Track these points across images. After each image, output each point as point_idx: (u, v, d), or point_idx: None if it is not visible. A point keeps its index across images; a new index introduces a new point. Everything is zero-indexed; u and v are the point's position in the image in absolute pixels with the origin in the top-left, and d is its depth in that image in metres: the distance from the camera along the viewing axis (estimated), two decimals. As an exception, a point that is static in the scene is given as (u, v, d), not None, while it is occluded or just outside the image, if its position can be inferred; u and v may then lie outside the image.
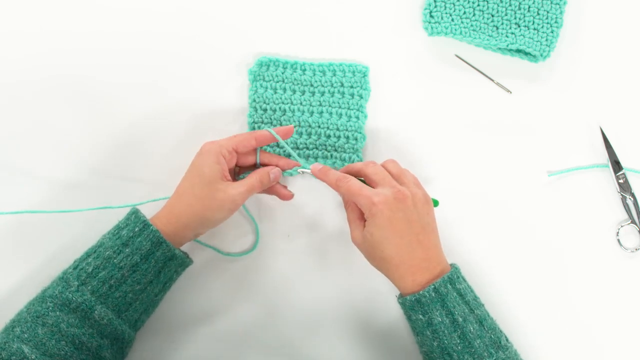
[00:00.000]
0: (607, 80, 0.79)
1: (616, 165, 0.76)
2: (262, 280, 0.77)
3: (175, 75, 0.80)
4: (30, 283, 0.74)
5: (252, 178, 0.70)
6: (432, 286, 0.64)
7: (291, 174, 0.75)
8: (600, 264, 0.76)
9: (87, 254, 0.67)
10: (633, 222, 0.76)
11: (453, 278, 0.66)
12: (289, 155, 0.76)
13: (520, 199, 0.77)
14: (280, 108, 0.78)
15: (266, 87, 0.79)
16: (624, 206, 0.76)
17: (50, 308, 0.64)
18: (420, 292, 0.64)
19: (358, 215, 0.69)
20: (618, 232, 0.76)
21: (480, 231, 0.77)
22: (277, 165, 0.74)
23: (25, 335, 0.63)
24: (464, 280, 0.68)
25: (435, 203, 0.71)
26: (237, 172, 0.76)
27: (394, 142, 0.79)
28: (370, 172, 0.69)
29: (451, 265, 0.68)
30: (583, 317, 0.75)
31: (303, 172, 0.73)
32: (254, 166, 0.75)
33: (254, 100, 0.78)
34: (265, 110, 0.78)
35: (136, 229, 0.67)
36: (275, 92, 0.78)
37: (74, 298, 0.64)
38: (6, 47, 0.80)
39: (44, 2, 0.81)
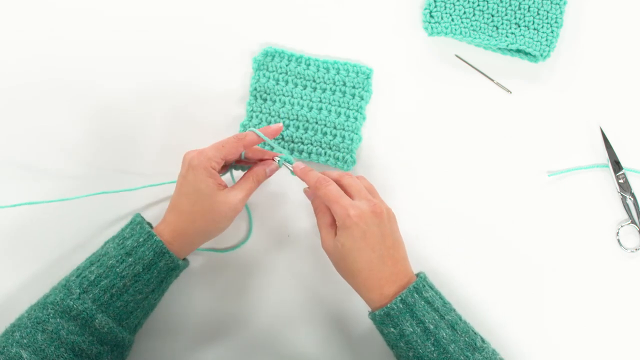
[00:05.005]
0: (607, 80, 0.79)
1: (616, 165, 0.76)
2: (261, 281, 0.77)
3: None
4: (32, 283, 0.74)
5: (249, 180, 0.69)
6: (399, 297, 0.64)
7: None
8: (600, 264, 0.76)
9: (91, 262, 0.67)
10: (633, 222, 0.76)
11: (419, 287, 0.65)
12: (272, 148, 0.75)
13: (520, 199, 0.77)
14: (280, 100, 0.78)
15: (269, 77, 0.79)
16: (624, 206, 0.76)
17: (51, 315, 0.64)
18: (388, 305, 0.64)
19: (330, 221, 0.68)
20: (618, 232, 0.76)
21: (480, 231, 0.77)
22: (262, 159, 0.72)
23: (25, 341, 0.62)
24: (431, 288, 0.67)
25: None
26: (224, 164, 0.73)
27: (392, 142, 0.79)
28: (347, 183, 0.68)
29: (417, 275, 0.68)
30: (583, 317, 0.75)
31: (285, 166, 0.71)
32: (239, 159, 0.73)
33: (255, 89, 0.78)
34: (265, 100, 0.78)
35: (140, 239, 0.67)
36: (277, 84, 0.78)
37: (75, 306, 0.64)
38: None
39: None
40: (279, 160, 0.71)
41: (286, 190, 0.78)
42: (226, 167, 0.73)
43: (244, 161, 0.73)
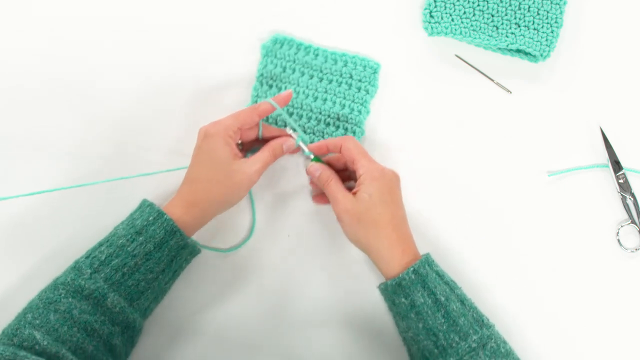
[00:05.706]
0: (607, 80, 0.78)
1: (616, 165, 0.76)
2: (261, 280, 0.76)
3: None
4: (38, 275, 0.73)
5: (265, 152, 0.70)
6: (412, 268, 0.65)
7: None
8: (600, 264, 0.76)
9: (100, 244, 0.67)
10: (633, 222, 0.76)
11: (430, 261, 0.67)
12: (285, 125, 0.76)
13: (520, 199, 0.77)
14: (285, 87, 0.78)
15: (276, 64, 0.79)
16: (624, 206, 0.76)
17: (63, 295, 0.63)
18: (400, 275, 0.65)
19: (344, 187, 0.69)
20: (618, 232, 0.76)
21: (480, 230, 0.77)
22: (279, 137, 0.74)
23: (37, 322, 0.62)
24: (438, 265, 0.68)
25: None
26: (242, 148, 0.75)
27: (392, 141, 0.79)
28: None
29: (423, 255, 0.69)
30: (583, 317, 0.75)
31: (301, 146, 0.73)
32: (256, 139, 0.74)
33: (262, 75, 0.79)
34: (270, 86, 0.79)
35: (150, 218, 0.67)
36: (284, 71, 0.79)
37: (86, 285, 0.64)
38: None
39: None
40: (296, 137, 0.73)
41: (286, 191, 0.78)
42: (245, 145, 0.75)
43: (262, 142, 0.74)
